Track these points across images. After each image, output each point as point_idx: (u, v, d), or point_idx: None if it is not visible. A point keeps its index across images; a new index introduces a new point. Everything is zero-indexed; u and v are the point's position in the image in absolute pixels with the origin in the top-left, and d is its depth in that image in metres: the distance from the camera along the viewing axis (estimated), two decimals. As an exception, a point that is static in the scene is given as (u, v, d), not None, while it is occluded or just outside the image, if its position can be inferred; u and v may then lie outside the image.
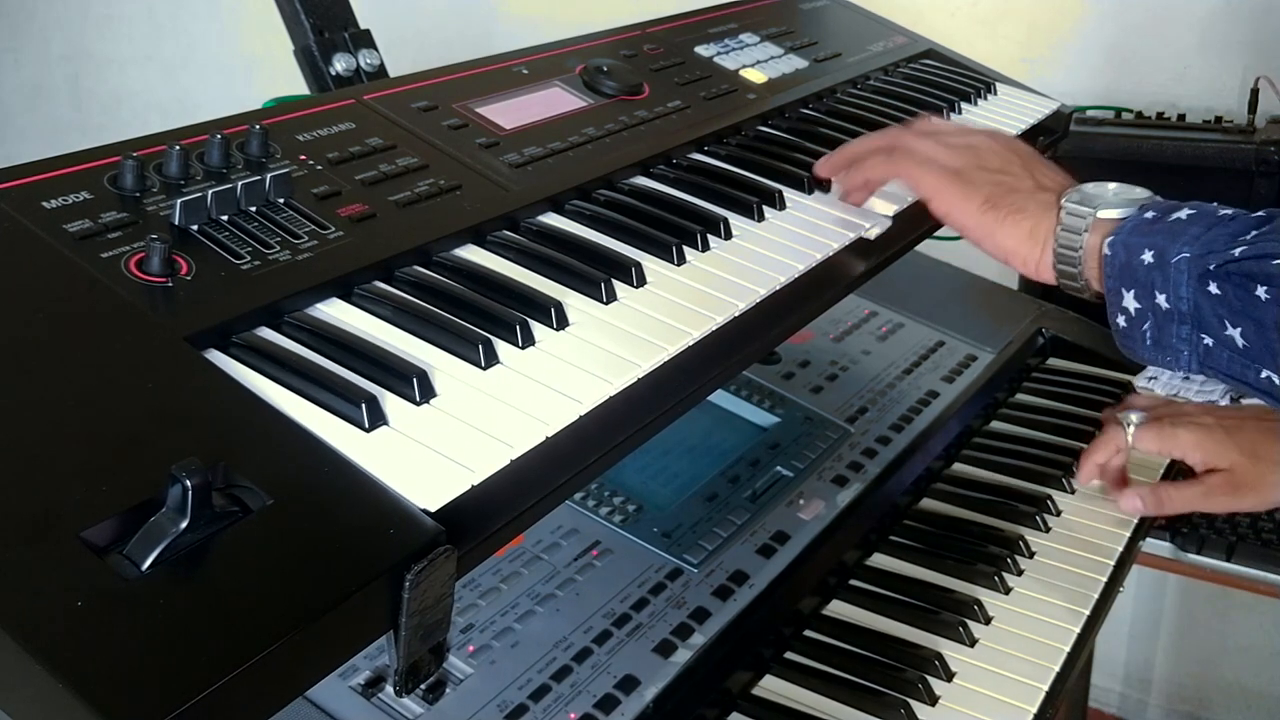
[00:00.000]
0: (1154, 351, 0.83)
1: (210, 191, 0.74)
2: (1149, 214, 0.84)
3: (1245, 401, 0.82)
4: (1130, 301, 0.83)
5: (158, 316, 0.65)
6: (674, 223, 0.89)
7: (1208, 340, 0.79)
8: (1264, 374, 0.77)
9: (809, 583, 1.05)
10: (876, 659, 0.99)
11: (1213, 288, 0.78)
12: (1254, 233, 0.78)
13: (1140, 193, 0.88)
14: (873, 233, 0.97)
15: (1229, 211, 0.82)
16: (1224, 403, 0.83)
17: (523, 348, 0.72)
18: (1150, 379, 0.85)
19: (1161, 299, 0.80)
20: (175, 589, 0.50)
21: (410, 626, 0.56)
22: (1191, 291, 0.79)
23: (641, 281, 0.82)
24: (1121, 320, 0.84)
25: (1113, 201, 0.86)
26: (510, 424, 0.65)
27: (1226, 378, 0.80)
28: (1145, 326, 0.82)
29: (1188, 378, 0.83)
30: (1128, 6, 1.99)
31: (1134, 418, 1.18)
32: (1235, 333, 0.77)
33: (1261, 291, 0.75)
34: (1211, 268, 0.78)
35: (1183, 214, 0.82)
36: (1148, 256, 0.81)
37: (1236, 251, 0.77)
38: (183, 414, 0.59)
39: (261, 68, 2.74)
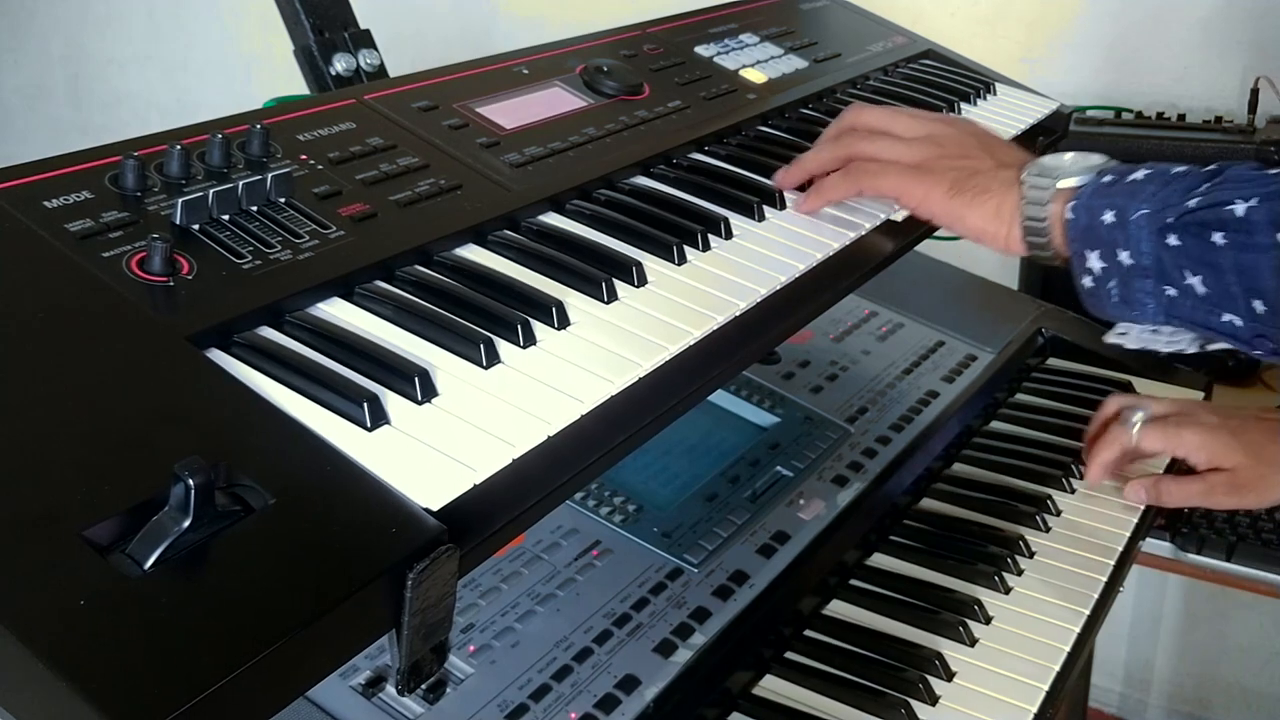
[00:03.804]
0: (1121, 308, 0.87)
1: (211, 191, 0.74)
2: (1106, 177, 0.88)
3: (1211, 348, 0.86)
4: (1095, 261, 0.86)
5: (159, 316, 0.65)
6: (674, 222, 0.89)
7: (1171, 291, 0.83)
8: (1225, 317, 0.81)
9: (809, 583, 1.05)
10: (877, 659, 0.99)
11: (1171, 240, 0.82)
12: (1206, 185, 0.82)
13: (1096, 159, 0.92)
14: (855, 239, 0.96)
15: (1182, 168, 0.86)
16: (1192, 350, 0.87)
17: (524, 347, 0.72)
18: (1120, 334, 0.88)
19: (1124, 256, 0.84)
20: (177, 588, 0.50)
21: (412, 626, 0.56)
22: (1152, 246, 0.83)
23: (642, 281, 0.82)
24: (1087, 281, 0.87)
25: (1071, 170, 0.90)
26: (512, 423, 0.65)
27: (1191, 325, 0.84)
28: (1111, 284, 0.86)
29: (1156, 330, 0.87)
30: (1128, 6, 1.99)
31: (1138, 416, 1.19)
32: (1196, 280, 0.82)
33: (1218, 238, 0.80)
34: (1169, 221, 0.82)
35: (1139, 174, 0.86)
36: (1108, 217, 0.85)
37: (1192, 203, 0.81)
38: (184, 413, 0.59)
39: (261, 68, 2.75)
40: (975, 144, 0.97)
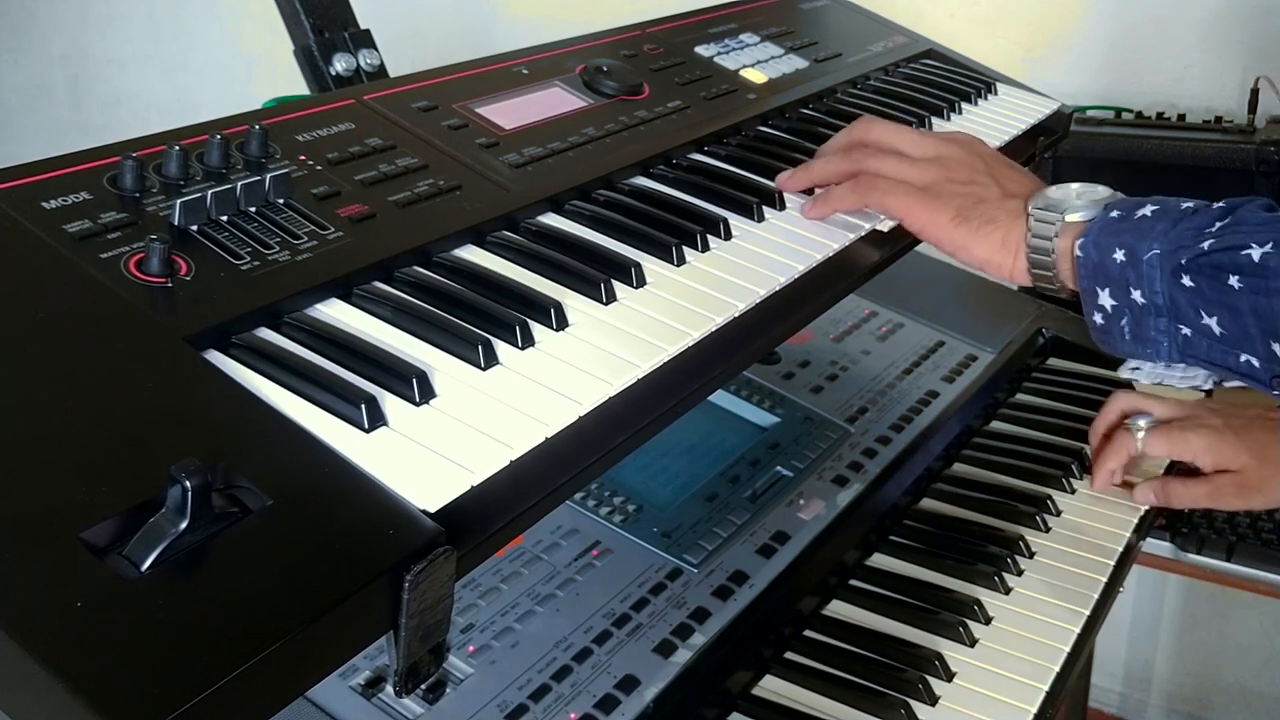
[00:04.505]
0: (1133, 345, 0.86)
1: (210, 192, 0.74)
2: (1114, 213, 0.87)
3: (1227, 385, 0.85)
4: (1106, 299, 0.85)
5: (157, 317, 0.65)
6: (674, 223, 0.89)
7: (1186, 330, 0.83)
8: (1243, 358, 0.80)
9: (809, 583, 1.05)
10: (876, 659, 0.99)
11: (1186, 281, 0.81)
12: (1218, 224, 0.81)
13: (1103, 191, 0.91)
14: (885, 225, 0.97)
15: (1190, 204, 0.85)
16: (1208, 387, 0.87)
17: (522, 348, 0.72)
18: (1134, 369, 0.88)
19: (1137, 295, 0.84)
20: (175, 589, 0.50)
21: (410, 627, 0.56)
22: (1166, 286, 0.82)
23: (641, 282, 0.82)
24: (1098, 318, 0.87)
25: (1077, 205, 0.89)
26: (510, 424, 0.65)
27: (1207, 364, 0.83)
28: (1123, 322, 0.85)
29: (1170, 367, 0.86)
30: (1128, 6, 1.99)
31: (1143, 423, 1.20)
32: (1212, 321, 0.80)
33: (1234, 281, 0.78)
34: (1183, 262, 0.81)
35: (1147, 210, 0.85)
36: (1119, 255, 0.84)
37: (1205, 245, 0.80)
38: (182, 414, 0.59)
39: (261, 68, 2.75)
40: (982, 168, 0.97)
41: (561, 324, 0.75)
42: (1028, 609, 1.07)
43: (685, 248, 0.87)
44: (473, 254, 0.82)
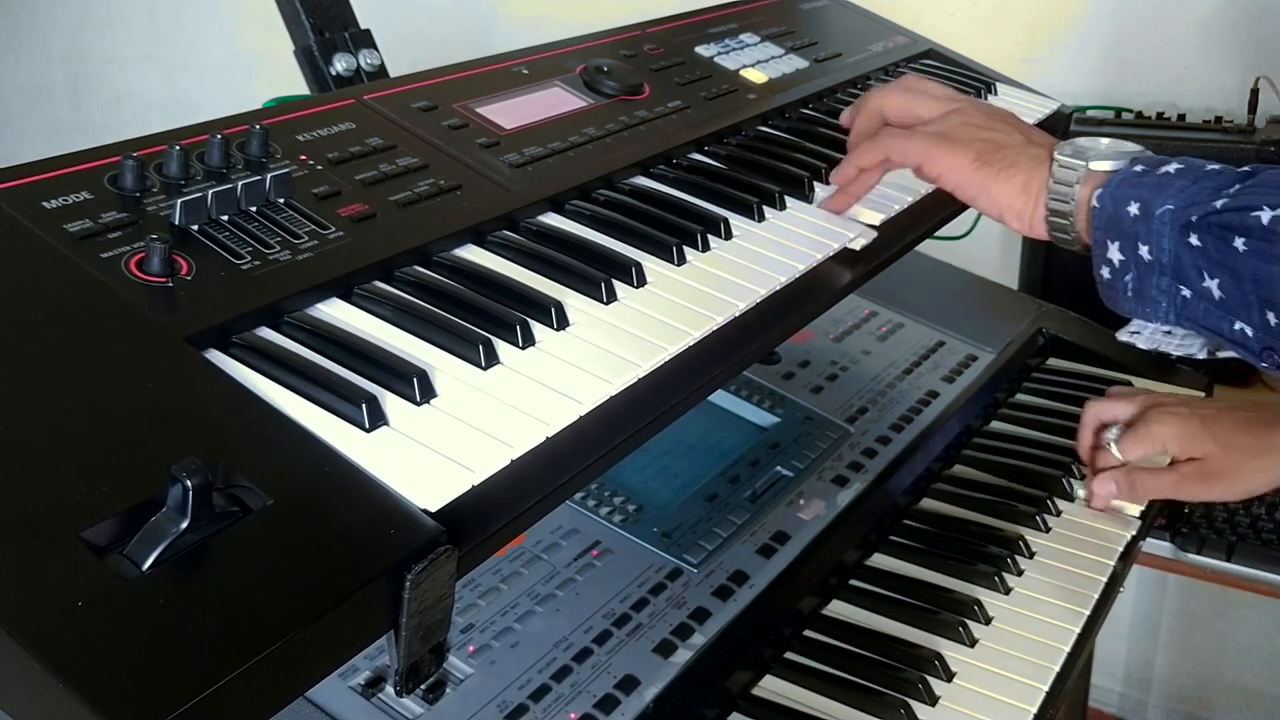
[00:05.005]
0: (1134, 303, 0.84)
1: (210, 191, 0.74)
2: (1138, 167, 0.85)
3: (1221, 354, 0.84)
4: (1114, 253, 0.84)
5: (158, 316, 0.65)
6: (674, 223, 0.89)
7: (1186, 292, 0.81)
8: (1237, 325, 0.79)
9: (809, 583, 1.05)
10: (876, 659, 0.99)
11: (1193, 239, 0.79)
12: (1237, 186, 0.80)
13: (1132, 147, 0.90)
14: (857, 243, 0.96)
15: (1216, 166, 0.83)
16: (1202, 356, 0.85)
17: (523, 348, 0.72)
18: (1133, 333, 0.87)
19: (1144, 250, 0.82)
20: (175, 589, 0.50)
21: (410, 627, 0.56)
22: (1173, 243, 0.80)
23: (642, 281, 0.82)
24: (1105, 272, 0.85)
25: (1105, 154, 0.88)
26: (510, 424, 0.65)
27: (1202, 329, 0.82)
28: (1128, 278, 0.84)
29: (1169, 331, 0.86)
30: (1128, 6, 1.99)
31: (1112, 434, 1.20)
32: (1213, 284, 0.79)
33: (1239, 243, 0.77)
34: (1193, 219, 0.79)
35: (1171, 168, 0.84)
36: (1133, 208, 0.82)
37: (1218, 204, 0.78)
38: (183, 414, 0.59)
39: (261, 68, 2.74)
40: (1003, 119, 0.96)
41: (562, 323, 0.75)
42: (1028, 609, 1.07)
43: (686, 247, 0.87)
44: (473, 254, 0.82)
